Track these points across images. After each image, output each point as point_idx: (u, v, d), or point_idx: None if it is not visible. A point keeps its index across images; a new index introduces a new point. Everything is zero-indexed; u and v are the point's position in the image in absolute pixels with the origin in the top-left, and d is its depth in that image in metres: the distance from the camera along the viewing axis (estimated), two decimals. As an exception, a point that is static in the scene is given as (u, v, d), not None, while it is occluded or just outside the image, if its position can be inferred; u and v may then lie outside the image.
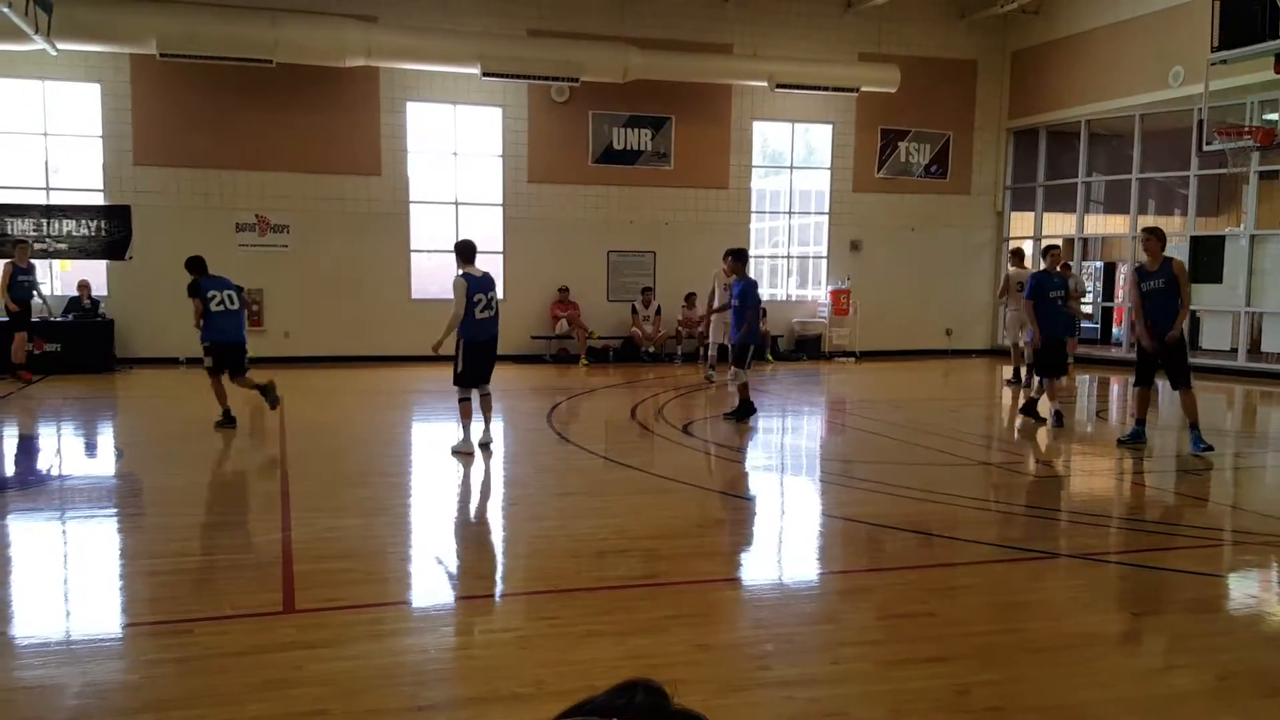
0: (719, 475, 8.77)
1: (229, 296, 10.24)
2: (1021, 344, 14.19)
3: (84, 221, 16.06)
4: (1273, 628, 4.96)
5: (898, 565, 5.89)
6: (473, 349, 8.83)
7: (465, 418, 8.88)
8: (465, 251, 8.95)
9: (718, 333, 14.56)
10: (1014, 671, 4.21)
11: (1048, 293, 10.57)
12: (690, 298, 18.15)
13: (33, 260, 14.50)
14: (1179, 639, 4.75)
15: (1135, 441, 9.46)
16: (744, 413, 10.88)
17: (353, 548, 6.03)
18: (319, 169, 16.95)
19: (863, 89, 18.61)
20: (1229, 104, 14.15)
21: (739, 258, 10.97)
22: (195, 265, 10.50)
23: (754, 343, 11.03)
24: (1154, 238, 9.33)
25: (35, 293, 14.29)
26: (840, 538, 6.62)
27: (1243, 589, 5.62)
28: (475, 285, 8.74)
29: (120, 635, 4.59)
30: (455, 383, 8.92)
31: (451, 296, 8.78)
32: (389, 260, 17.47)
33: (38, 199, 16.09)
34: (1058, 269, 11.65)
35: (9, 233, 15.71)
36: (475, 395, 8.96)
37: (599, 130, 18.22)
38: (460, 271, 8.82)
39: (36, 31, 13.47)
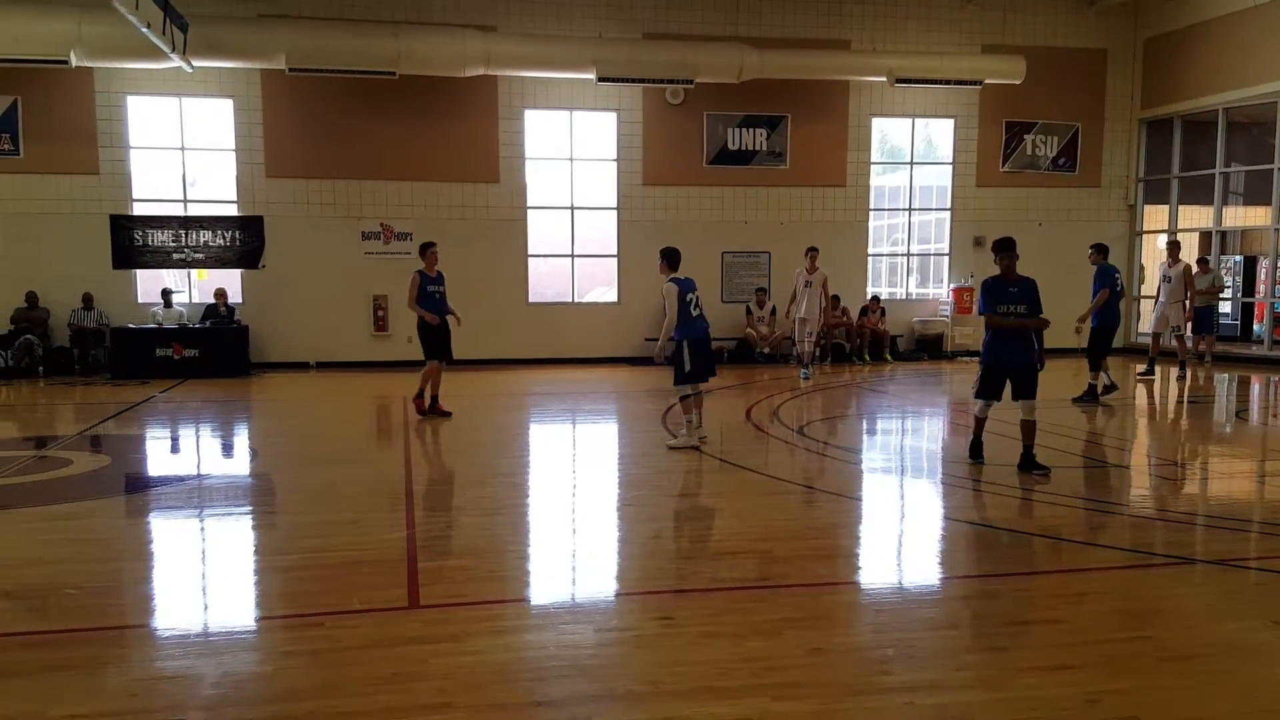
0: (835, 477, 8.65)
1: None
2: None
3: (219, 232, 16.86)
4: None
5: (1024, 570, 5.71)
6: (695, 346, 9.31)
7: (688, 413, 9.37)
8: (672, 258, 9.51)
9: (802, 332, 14.53)
10: (1146, 681, 4.04)
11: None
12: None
13: (440, 270, 11.72)
14: (1328, 652, 4.48)
15: None
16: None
17: (474, 545, 6.17)
18: (440, 177, 17.39)
19: (986, 81, 18.12)
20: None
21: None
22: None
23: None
24: None
25: (449, 307, 11.67)
26: (962, 541, 6.45)
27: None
28: (686, 288, 9.33)
29: (254, 628, 4.78)
30: (680, 381, 9.36)
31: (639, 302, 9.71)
32: (507, 265, 17.81)
33: (176, 210, 16.94)
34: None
35: (149, 243, 16.61)
36: (689, 390, 9.37)
37: (714, 131, 18.20)
38: (668, 278, 9.38)
39: (173, 50, 14.23)
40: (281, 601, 5.19)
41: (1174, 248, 15.30)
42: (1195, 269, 17.54)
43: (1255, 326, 20.39)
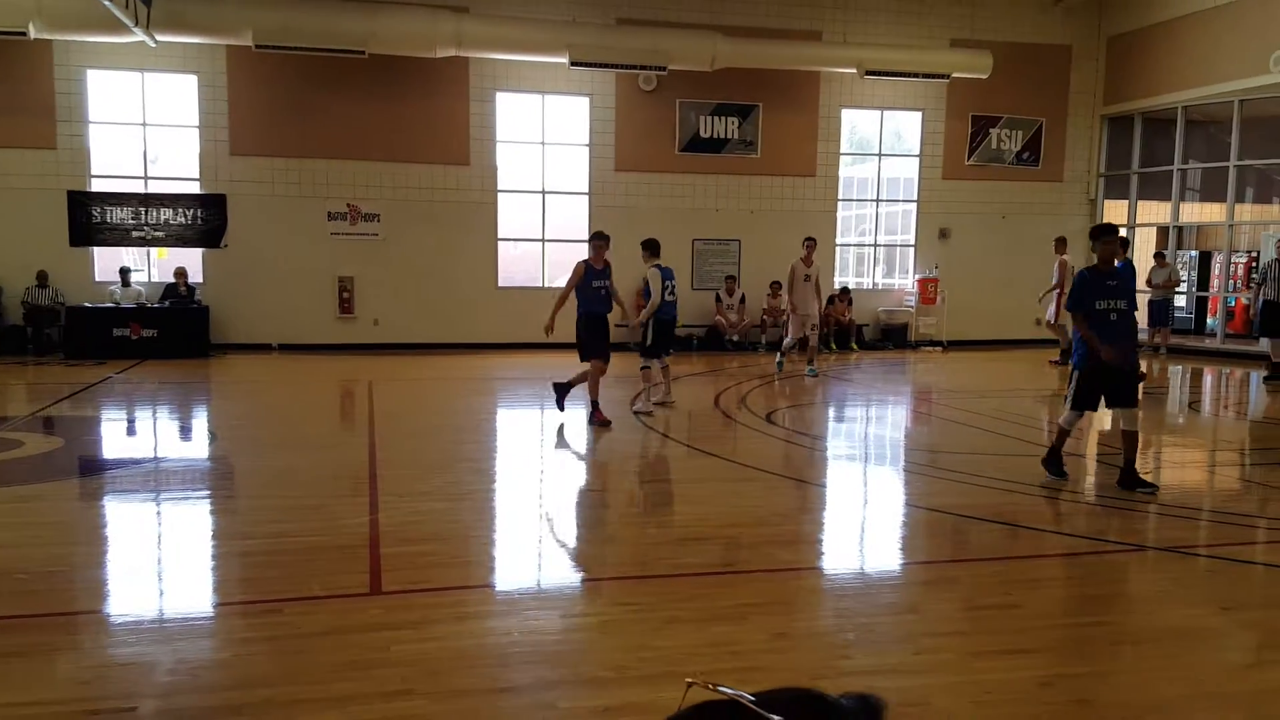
0: (801, 464, 8.70)
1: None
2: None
3: (180, 210, 16.62)
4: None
5: (982, 556, 5.79)
6: (660, 325, 10.74)
7: (647, 382, 10.83)
8: (654, 248, 10.85)
9: (803, 327, 14.26)
10: (1100, 665, 4.11)
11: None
12: (775, 286, 18.02)
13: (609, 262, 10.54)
14: (1270, 634, 4.61)
15: None
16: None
17: (438, 531, 6.15)
18: (409, 159, 17.24)
19: (954, 75, 18.24)
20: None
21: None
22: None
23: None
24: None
25: (615, 301, 10.58)
26: (924, 528, 6.52)
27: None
28: (665, 275, 10.72)
29: (211, 614, 4.73)
30: (646, 355, 10.82)
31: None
32: (476, 248, 17.70)
33: (136, 187, 16.66)
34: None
35: (108, 221, 16.34)
36: (655, 364, 10.82)
37: (686, 119, 18.18)
38: (652, 264, 10.74)
39: (136, 24, 13.97)
40: (239, 587, 5.14)
41: (1061, 243, 15.70)
42: (1153, 263, 17.87)
43: (1209, 320, 20.77)
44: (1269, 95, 16.42)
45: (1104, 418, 9.32)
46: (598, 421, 9.82)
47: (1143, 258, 18.99)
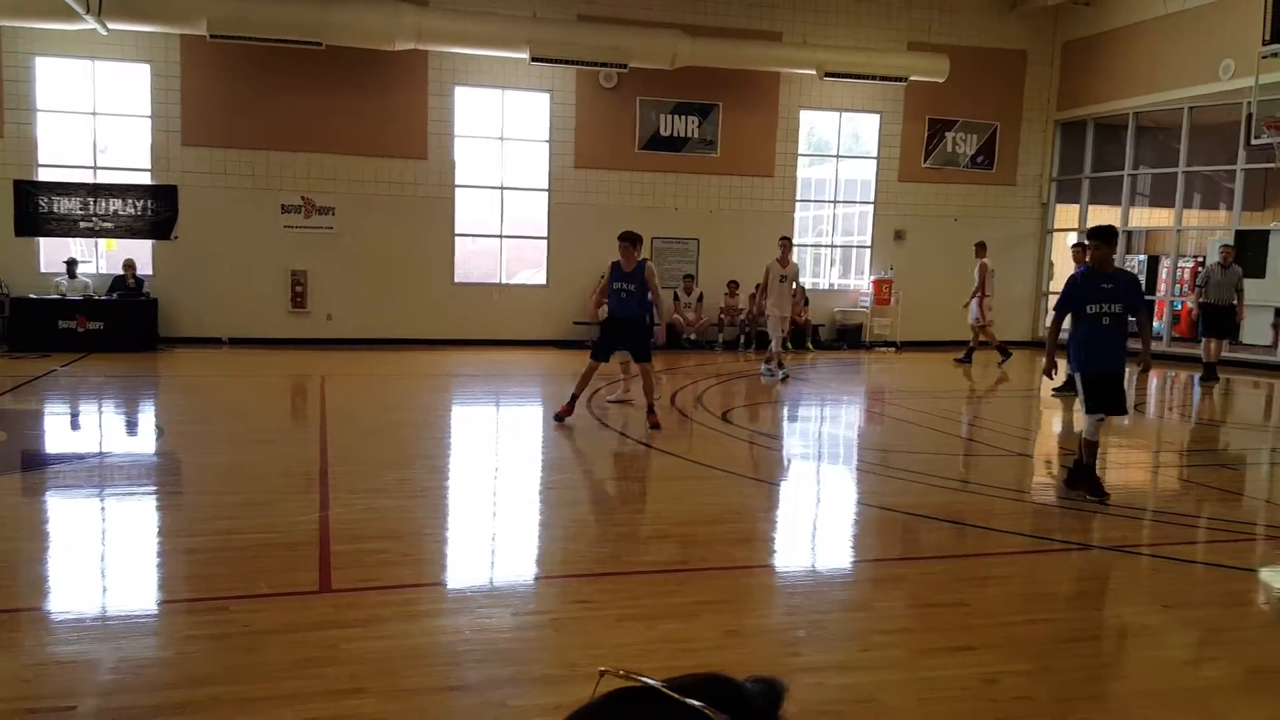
0: (756, 463, 8.75)
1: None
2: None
3: (130, 201, 16.32)
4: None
5: (931, 555, 5.86)
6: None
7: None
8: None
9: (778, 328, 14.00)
10: (1043, 662, 4.18)
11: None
12: (733, 285, 18.12)
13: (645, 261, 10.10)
14: (1210, 632, 4.70)
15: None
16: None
17: (390, 529, 6.10)
18: (365, 152, 17.08)
19: (911, 78, 18.41)
20: (1278, 98, 13.84)
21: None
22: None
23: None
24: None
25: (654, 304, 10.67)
26: (874, 526, 6.58)
27: (1275, 583, 5.59)
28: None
29: (155, 612, 4.65)
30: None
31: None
32: (433, 244, 17.58)
33: (85, 177, 16.34)
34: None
35: (55, 211, 16.01)
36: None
37: (646, 117, 18.19)
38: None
39: (88, 11, 13.72)
40: (185, 584, 5.06)
41: (980, 247, 16.44)
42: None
43: (1155, 324, 21.17)
44: (1217, 103, 16.77)
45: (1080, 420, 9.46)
46: (562, 415, 9.67)
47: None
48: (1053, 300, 20.64)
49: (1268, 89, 13.79)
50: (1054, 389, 11.92)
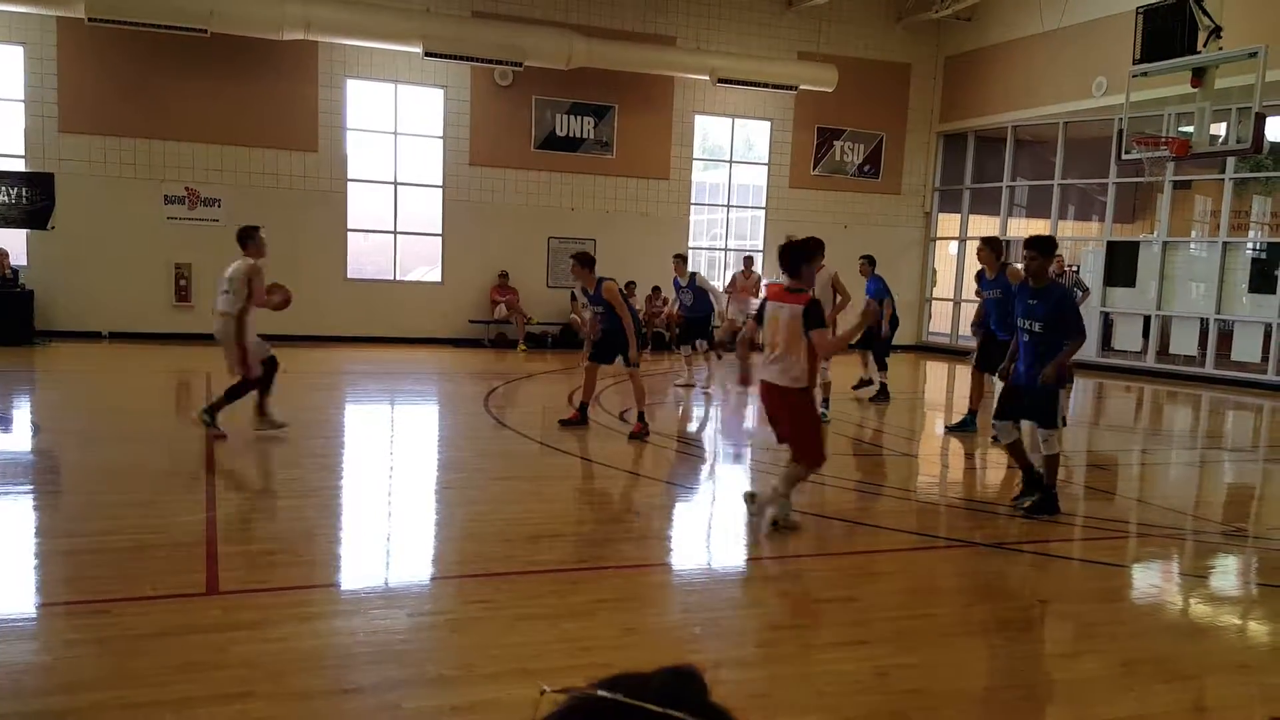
0: (653, 462, 8.82)
1: None
2: None
3: (3, 188, 15.56)
4: (1173, 617, 5.17)
5: (823, 552, 6.02)
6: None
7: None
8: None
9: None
10: (931, 655, 4.34)
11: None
12: (630, 286, 18.17)
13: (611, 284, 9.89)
14: (1086, 626, 4.92)
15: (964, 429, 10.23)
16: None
17: (280, 529, 5.97)
18: (254, 143, 16.63)
19: (801, 87, 18.82)
20: (1147, 115, 14.60)
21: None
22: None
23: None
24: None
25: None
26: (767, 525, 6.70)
27: (1146, 579, 5.89)
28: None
29: (33, 615, 4.47)
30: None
31: None
32: (324, 239, 17.21)
33: (-47, 163, 15.53)
34: None
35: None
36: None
37: (542, 116, 18.14)
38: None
39: (-43, -10, 13.02)
40: (64, 587, 4.86)
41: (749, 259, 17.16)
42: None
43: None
44: (1091, 119, 17.60)
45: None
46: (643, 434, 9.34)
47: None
48: (936, 306, 21.61)
49: (1138, 106, 14.50)
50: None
